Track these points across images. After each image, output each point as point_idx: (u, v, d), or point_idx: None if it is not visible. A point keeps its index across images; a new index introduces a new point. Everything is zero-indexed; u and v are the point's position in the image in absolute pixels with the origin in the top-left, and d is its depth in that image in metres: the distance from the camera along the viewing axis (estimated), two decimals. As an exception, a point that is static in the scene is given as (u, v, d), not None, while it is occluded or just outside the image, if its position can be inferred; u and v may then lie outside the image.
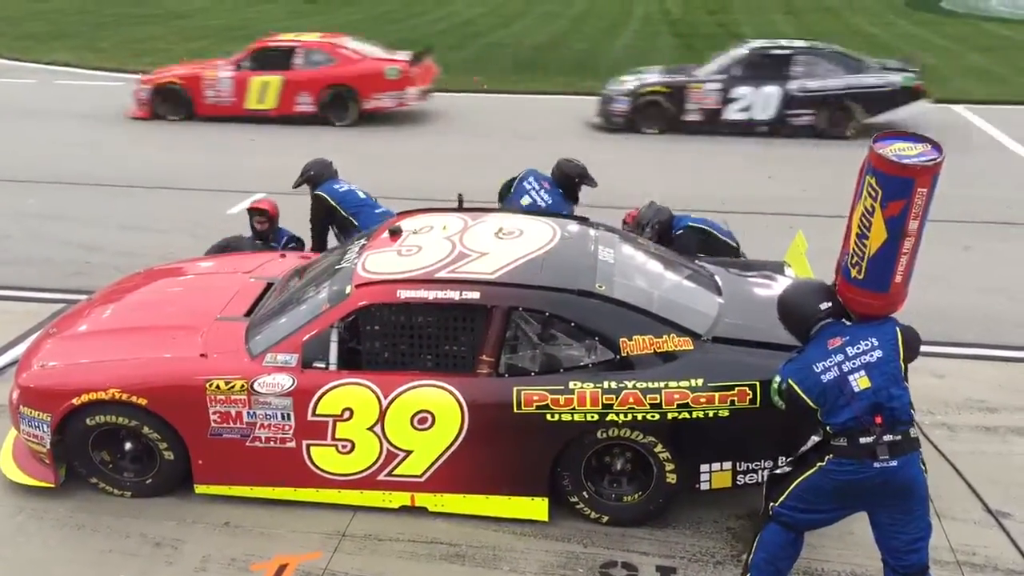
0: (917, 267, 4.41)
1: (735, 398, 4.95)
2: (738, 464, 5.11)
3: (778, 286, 5.81)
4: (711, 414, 4.96)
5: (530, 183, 7.42)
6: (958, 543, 5.13)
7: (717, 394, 4.96)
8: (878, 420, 4.19)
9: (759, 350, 5.06)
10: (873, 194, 4.23)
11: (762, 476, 5.10)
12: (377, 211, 7.44)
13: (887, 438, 4.18)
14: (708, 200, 9.88)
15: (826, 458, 4.31)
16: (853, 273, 4.41)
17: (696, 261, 6.19)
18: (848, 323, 4.44)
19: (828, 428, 4.31)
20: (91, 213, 10.54)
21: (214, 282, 6.47)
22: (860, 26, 24.12)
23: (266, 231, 7.58)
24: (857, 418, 4.20)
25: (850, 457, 4.23)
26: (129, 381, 5.26)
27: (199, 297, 6.20)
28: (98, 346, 5.65)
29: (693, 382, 4.97)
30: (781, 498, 4.46)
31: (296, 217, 7.75)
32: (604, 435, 5.08)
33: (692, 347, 5.08)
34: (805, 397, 4.32)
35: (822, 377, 4.26)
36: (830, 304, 4.44)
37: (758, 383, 4.92)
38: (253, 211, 7.64)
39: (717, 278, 5.88)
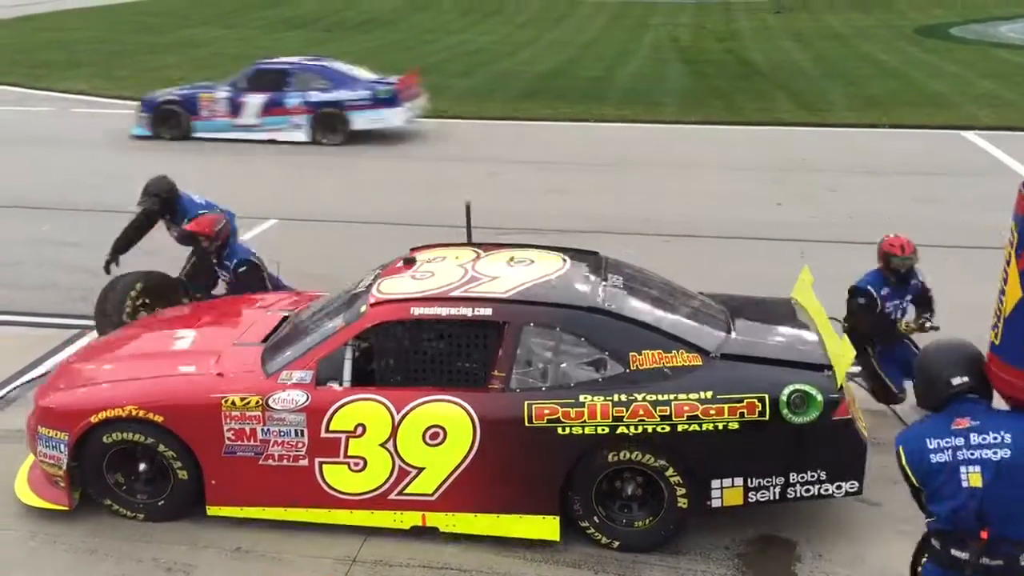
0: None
1: (744, 410, 5.00)
2: (749, 480, 5.12)
3: (787, 319, 5.87)
4: (721, 426, 5.01)
5: None
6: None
7: (727, 406, 5.00)
8: (984, 535, 3.48)
9: (768, 366, 5.15)
10: (1012, 241, 3.63)
11: (774, 493, 5.13)
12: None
13: (985, 560, 3.49)
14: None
15: (923, 559, 3.79)
16: (990, 337, 3.71)
17: (702, 294, 6.24)
18: (988, 405, 3.69)
19: (930, 518, 3.66)
20: (104, 239, 10.57)
21: (231, 314, 6.63)
22: (871, 53, 24.20)
23: (213, 250, 7.25)
24: (957, 514, 3.52)
25: (940, 567, 3.64)
26: (146, 398, 5.33)
27: (217, 327, 6.36)
28: (116, 369, 5.77)
29: (702, 394, 5.02)
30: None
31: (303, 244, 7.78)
32: (615, 458, 5.10)
33: (701, 363, 5.15)
34: (909, 471, 3.67)
35: (931, 457, 3.59)
36: (966, 378, 3.66)
37: (767, 395, 4.99)
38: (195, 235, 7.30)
39: (726, 310, 5.92)
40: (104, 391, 5.49)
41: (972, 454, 3.53)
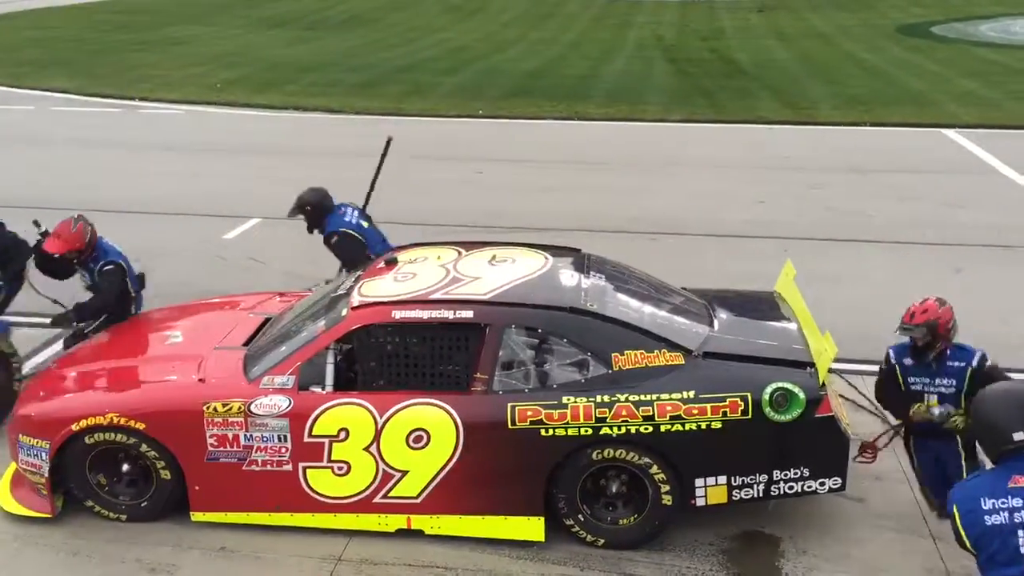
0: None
1: (727, 409, 5.03)
2: (733, 479, 5.15)
3: (769, 314, 5.90)
4: (704, 425, 5.03)
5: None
6: (954, 566, 5.13)
7: (709, 405, 5.03)
8: None
9: (750, 364, 5.18)
10: None
11: (758, 491, 5.16)
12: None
13: None
14: None
15: None
16: None
17: (685, 289, 6.26)
18: None
19: None
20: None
21: (213, 317, 6.58)
22: (853, 52, 24.30)
23: (79, 260, 6.66)
24: None
25: None
26: (127, 405, 5.30)
27: (198, 331, 6.31)
28: (97, 376, 5.73)
29: (685, 394, 5.05)
30: None
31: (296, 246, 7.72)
32: (599, 456, 5.11)
33: (683, 362, 5.17)
34: (963, 533, 3.33)
35: (986, 518, 3.26)
36: None
37: (749, 395, 5.02)
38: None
39: (709, 306, 5.94)
40: (85, 398, 5.47)
41: None
